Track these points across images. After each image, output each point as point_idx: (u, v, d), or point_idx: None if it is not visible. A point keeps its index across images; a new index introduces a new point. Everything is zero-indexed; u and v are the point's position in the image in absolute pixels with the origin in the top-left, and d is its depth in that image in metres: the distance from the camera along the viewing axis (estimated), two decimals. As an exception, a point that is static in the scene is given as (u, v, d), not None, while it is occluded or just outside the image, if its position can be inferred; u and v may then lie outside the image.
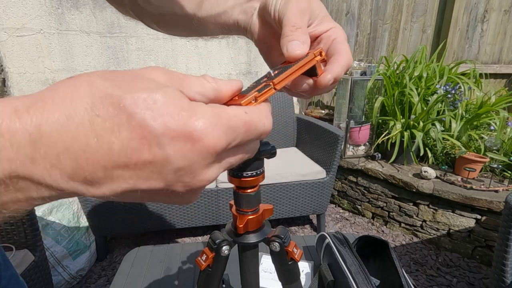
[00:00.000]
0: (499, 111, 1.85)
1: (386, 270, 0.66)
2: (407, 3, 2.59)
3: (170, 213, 1.58)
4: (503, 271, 0.89)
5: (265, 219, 0.37)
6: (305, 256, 0.81)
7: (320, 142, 1.80)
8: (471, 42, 2.79)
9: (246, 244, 0.36)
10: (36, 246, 1.01)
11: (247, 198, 0.34)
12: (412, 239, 1.80)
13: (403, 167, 1.94)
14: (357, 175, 2.06)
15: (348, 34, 2.59)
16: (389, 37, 2.68)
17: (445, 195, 1.61)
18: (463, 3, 2.59)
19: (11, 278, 0.51)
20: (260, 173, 0.33)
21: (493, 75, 2.87)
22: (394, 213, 1.89)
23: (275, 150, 0.32)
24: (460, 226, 1.63)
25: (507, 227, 0.85)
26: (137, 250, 0.83)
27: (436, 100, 1.89)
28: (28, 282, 0.95)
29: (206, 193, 1.58)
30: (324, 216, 1.83)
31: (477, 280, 1.47)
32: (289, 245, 0.38)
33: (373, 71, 2.01)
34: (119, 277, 0.73)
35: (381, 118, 2.09)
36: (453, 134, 1.85)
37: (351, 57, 0.26)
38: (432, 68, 2.13)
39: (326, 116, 2.40)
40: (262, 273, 0.74)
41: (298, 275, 0.40)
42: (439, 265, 1.58)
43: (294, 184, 1.67)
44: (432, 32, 2.72)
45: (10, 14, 1.74)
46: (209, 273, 0.37)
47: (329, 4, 2.47)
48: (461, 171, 1.74)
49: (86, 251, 1.49)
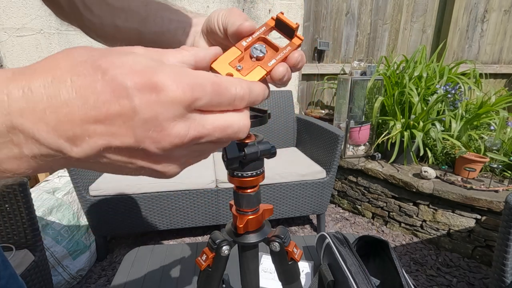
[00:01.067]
0: (499, 111, 1.85)
1: (386, 270, 0.66)
2: (407, 3, 2.59)
3: (170, 213, 1.58)
4: (503, 271, 0.89)
5: (265, 219, 0.37)
6: (305, 256, 0.81)
7: (320, 142, 1.80)
8: (471, 42, 2.79)
9: (246, 244, 0.36)
10: (36, 246, 1.01)
11: (247, 198, 0.34)
12: (412, 239, 1.80)
13: (403, 167, 1.94)
14: (357, 175, 2.06)
15: (348, 34, 2.59)
16: (389, 37, 2.68)
17: (445, 195, 1.61)
18: (463, 3, 2.59)
19: (10, 277, 0.51)
20: (260, 173, 0.33)
21: (493, 75, 2.88)
22: (394, 213, 1.89)
23: (275, 150, 0.32)
24: (460, 226, 1.63)
25: (507, 227, 0.85)
26: (137, 250, 0.83)
27: (436, 100, 1.89)
28: (28, 282, 0.95)
29: (206, 193, 1.58)
30: (324, 216, 1.83)
31: (477, 280, 1.47)
32: (289, 245, 0.38)
33: (373, 71, 2.01)
34: (119, 277, 0.73)
35: (381, 118, 2.09)
36: (453, 134, 1.85)
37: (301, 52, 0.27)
38: (432, 68, 2.13)
39: (326, 116, 2.40)
40: (262, 273, 0.74)
41: (298, 275, 0.40)
42: (439, 265, 1.58)
43: (294, 184, 1.67)
44: (432, 32, 2.73)
45: (10, 14, 1.74)
46: (209, 273, 0.37)
47: (329, 4, 2.47)
48: (461, 171, 1.74)
49: (86, 251, 1.49)
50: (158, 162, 0.19)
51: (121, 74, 0.16)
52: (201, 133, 0.19)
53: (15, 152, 0.16)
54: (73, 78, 0.16)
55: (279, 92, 2.10)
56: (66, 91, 0.16)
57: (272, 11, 2.15)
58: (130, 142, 0.17)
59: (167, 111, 0.17)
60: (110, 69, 0.16)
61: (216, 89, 0.18)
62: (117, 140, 0.17)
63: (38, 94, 0.16)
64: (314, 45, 2.53)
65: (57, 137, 0.16)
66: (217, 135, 0.19)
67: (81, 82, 0.16)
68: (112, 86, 0.16)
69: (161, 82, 0.17)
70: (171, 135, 0.17)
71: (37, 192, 1.42)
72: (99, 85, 0.16)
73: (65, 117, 0.16)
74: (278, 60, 0.24)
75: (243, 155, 0.30)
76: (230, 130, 0.20)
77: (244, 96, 0.20)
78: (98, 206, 1.47)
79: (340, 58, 2.64)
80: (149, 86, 0.16)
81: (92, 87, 0.16)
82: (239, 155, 0.30)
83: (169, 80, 0.17)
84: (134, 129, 0.17)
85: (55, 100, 0.16)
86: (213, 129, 0.19)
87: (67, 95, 0.16)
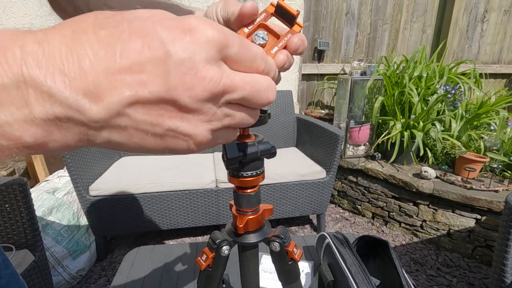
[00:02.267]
0: (499, 111, 1.85)
1: (386, 270, 0.66)
2: (407, 3, 2.59)
3: (170, 213, 1.58)
4: (503, 271, 0.89)
5: (265, 219, 0.37)
6: (305, 256, 0.81)
7: (320, 142, 1.80)
8: (471, 42, 2.79)
9: (246, 244, 0.36)
10: (36, 246, 1.01)
11: (247, 198, 0.34)
12: (412, 239, 1.80)
13: (403, 167, 1.94)
14: (357, 175, 2.06)
15: (348, 34, 2.59)
16: (389, 37, 2.68)
17: (445, 195, 1.62)
18: (463, 3, 2.59)
19: (10, 277, 0.51)
20: (260, 173, 0.33)
21: (493, 75, 2.88)
22: (394, 213, 1.89)
23: (275, 150, 0.32)
24: (460, 226, 1.63)
25: (507, 227, 0.85)
26: (137, 250, 0.83)
27: (436, 100, 1.89)
28: (28, 282, 0.95)
29: (206, 193, 1.58)
30: (324, 216, 1.83)
31: (477, 280, 1.47)
32: (289, 245, 0.38)
33: (373, 71, 2.01)
34: (119, 277, 0.73)
35: (381, 118, 2.09)
36: (453, 134, 1.85)
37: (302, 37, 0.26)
38: (432, 68, 2.13)
39: (326, 116, 2.40)
40: (262, 273, 0.74)
41: (298, 275, 0.40)
42: (439, 265, 1.58)
43: (294, 184, 1.67)
44: (432, 32, 2.72)
45: (10, 14, 1.74)
46: (209, 273, 0.37)
47: (329, 4, 2.47)
48: (461, 171, 1.74)
49: (86, 251, 1.49)
50: (188, 120, 0.17)
51: (150, 21, 0.15)
52: (233, 83, 0.18)
53: (24, 113, 0.14)
54: (96, 30, 0.15)
55: (279, 92, 2.11)
56: (88, 40, 0.14)
57: (272, 11, 2.15)
58: (160, 91, 0.15)
59: (202, 51, 0.16)
60: (137, 18, 0.15)
61: (242, 43, 0.18)
62: (146, 89, 0.15)
63: (57, 44, 0.14)
64: (314, 45, 2.53)
65: (75, 92, 0.14)
66: (248, 90, 0.19)
67: (105, 33, 0.15)
68: (141, 33, 0.15)
69: (194, 24, 0.16)
70: (206, 77, 0.16)
71: (37, 192, 1.42)
72: (126, 34, 0.15)
73: (88, 67, 0.14)
74: (280, 47, 0.24)
75: (243, 155, 0.30)
76: (259, 86, 0.19)
77: (263, 56, 0.20)
78: (98, 206, 1.47)
79: (340, 58, 2.64)
80: (181, 28, 0.16)
81: (118, 36, 0.15)
82: (239, 155, 0.30)
83: (202, 23, 0.16)
84: (166, 74, 0.15)
85: (75, 51, 0.14)
86: (244, 83, 0.18)
87: (90, 45, 0.14)
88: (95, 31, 0.15)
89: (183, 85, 0.16)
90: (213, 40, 0.16)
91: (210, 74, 0.16)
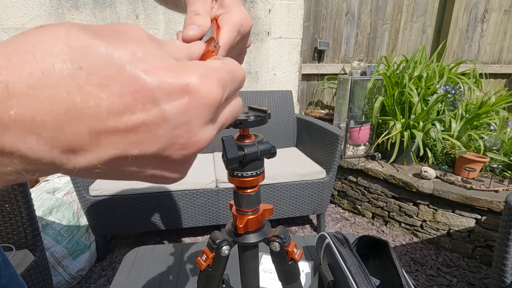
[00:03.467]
0: (499, 111, 1.85)
1: (386, 270, 0.66)
2: (407, 3, 2.59)
3: (170, 213, 1.58)
4: (503, 271, 0.89)
5: (265, 219, 0.37)
6: (305, 256, 0.81)
7: (320, 142, 1.80)
8: (471, 42, 2.79)
9: (246, 244, 0.36)
10: (36, 246, 1.01)
11: (247, 198, 0.34)
12: (412, 239, 1.80)
13: (403, 167, 1.94)
14: (357, 175, 2.06)
15: (348, 34, 2.59)
16: (389, 37, 2.68)
17: (445, 195, 1.61)
18: (463, 3, 2.59)
19: (10, 277, 0.51)
20: (260, 173, 0.33)
21: (493, 75, 2.88)
22: (394, 213, 1.89)
23: (275, 150, 0.32)
24: (460, 226, 1.63)
25: (507, 227, 0.85)
26: (137, 250, 0.83)
27: (436, 100, 1.89)
28: (28, 282, 0.95)
29: (206, 193, 1.58)
30: (324, 216, 1.83)
31: (477, 280, 1.47)
32: (289, 245, 0.38)
33: (373, 71, 2.01)
34: (119, 277, 0.73)
35: (381, 118, 2.09)
36: (453, 134, 1.85)
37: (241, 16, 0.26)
38: (432, 68, 2.13)
39: (326, 116, 2.40)
40: (262, 273, 0.74)
41: (298, 275, 0.40)
42: (439, 265, 1.58)
43: (294, 184, 1.67)
44: (432, 32, 2.73)
45: (10, 14, 1.74)
46: (209, 273, 0.37)
47: (329, 4, 2.47)
48: (461, 171, 1.74)
49: (86, 251, 1.49)
50: (173, 170, 0.17)
51: (142, 71, 0.13)
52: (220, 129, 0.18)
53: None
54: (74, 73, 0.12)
55: (279, 92, 2.11)
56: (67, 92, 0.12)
57: (271, 11, 2.15)
58: (151, 151, 0.14)
59: (202, 115, 0.15)
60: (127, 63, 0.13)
61: (232, 77, 0.18)
62: (136, 149, 0.14)
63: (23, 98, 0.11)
64: (314, 45, 2.53)
65: (51, 150, 0.12)
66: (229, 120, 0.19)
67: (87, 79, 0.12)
68: (133, 87, 0.13)
69: (192, 84, 0.14)
70: (201, 140, 0.16)
71: (37, 192, 1.42)
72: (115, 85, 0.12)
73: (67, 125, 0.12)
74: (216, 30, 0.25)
75: (243, 155, 0.30)
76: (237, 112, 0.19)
77: (245, 73, 0.20)
78: (98, 206, 1.47)
79: (340, 58, 2.64)
80: (179, 88, 0.14)
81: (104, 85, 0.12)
82: (239, 155, 0.30)
83: (200, 80, 0.15)
84: (160, 137, 0.14)
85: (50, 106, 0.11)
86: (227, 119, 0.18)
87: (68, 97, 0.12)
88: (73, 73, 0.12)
89: (176, 146, 0.15)
90: (213, 100, 0.15)
91: (205, 135, 0.16)
